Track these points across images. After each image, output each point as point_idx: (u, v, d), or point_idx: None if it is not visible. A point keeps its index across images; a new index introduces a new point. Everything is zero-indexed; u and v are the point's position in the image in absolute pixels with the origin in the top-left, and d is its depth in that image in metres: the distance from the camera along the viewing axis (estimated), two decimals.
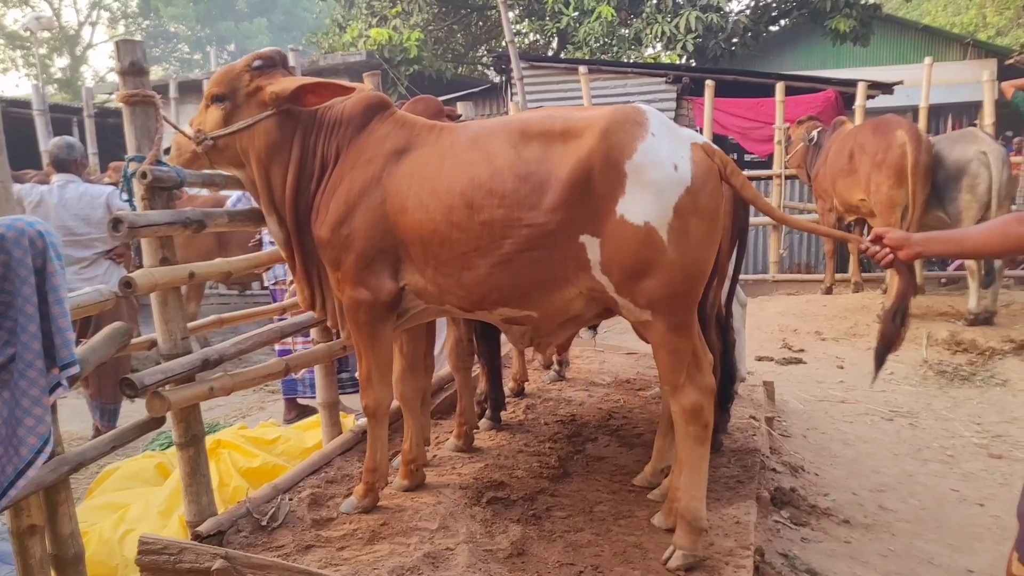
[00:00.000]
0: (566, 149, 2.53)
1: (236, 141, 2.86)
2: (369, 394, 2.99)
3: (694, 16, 15.15)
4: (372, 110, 2.87)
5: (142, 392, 2.61)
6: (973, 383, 6.15)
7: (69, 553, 2.50)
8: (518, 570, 2.61)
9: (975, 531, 3.86)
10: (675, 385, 2.60)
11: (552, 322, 2.81)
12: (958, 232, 2.29)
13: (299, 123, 2.85)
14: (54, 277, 2.21)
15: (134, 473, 4.12)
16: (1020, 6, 18.45)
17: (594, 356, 5.63)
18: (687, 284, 2.53)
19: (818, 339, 7.42)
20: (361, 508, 3.00)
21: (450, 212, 2.61)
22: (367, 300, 2.81)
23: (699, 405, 2.59)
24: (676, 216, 2.44)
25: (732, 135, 11.41)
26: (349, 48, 17.23)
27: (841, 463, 4.67)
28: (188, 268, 2.85)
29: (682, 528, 2.63)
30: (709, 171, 2.52)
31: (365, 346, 2.92)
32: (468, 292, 2.71)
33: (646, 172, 2.45)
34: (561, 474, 3.44)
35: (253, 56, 2.89)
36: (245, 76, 2.84)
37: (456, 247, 2.63)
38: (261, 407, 6.60)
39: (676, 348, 2.58)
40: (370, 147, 2.80)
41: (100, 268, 5.48)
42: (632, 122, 2.51)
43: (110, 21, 39.30)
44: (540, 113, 2.79)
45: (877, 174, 7.16)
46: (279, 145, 2.84)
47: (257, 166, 2.87)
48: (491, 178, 2.57)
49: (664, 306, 2.53)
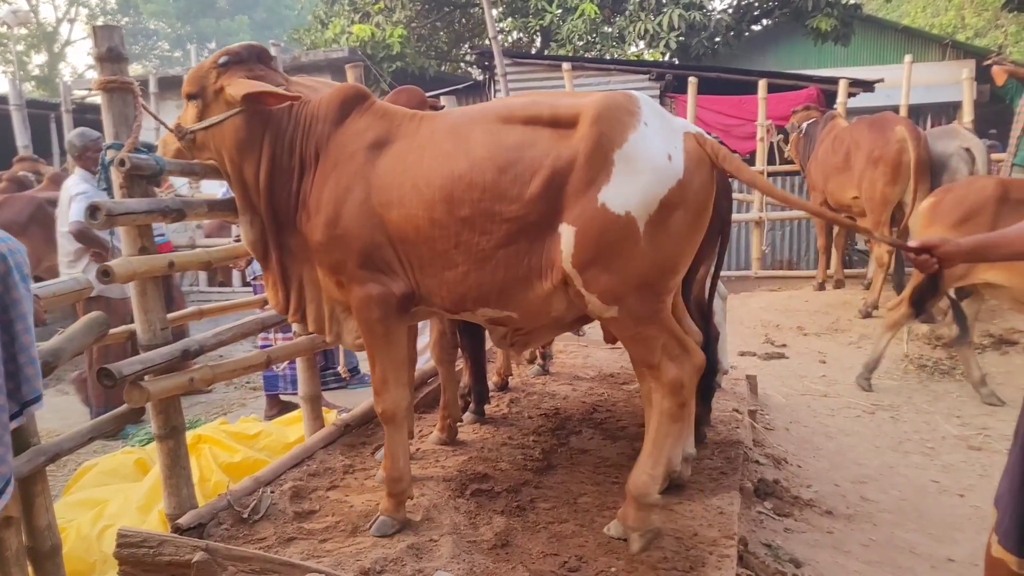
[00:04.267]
0: (554, 136, 2.45)
1: (209, 139, 2.80)
2: (386, 398, 2.79)
3: (677, 14, 15.20)
4: (349, 103, 2.76)
5: (120, 382, 2.57)
6: (953, 377, 6.20)
7: (46, 545, 2.46)
8: (502, 561, 2.59)
9: (955, 521, 3.89)
10: (651, 364, 2.53)
11: (534, 323, 2.74)
12: (997, 234, 2.21)
13: (270, 120, 2.74)
14: (20, 304, 2.06)
15: (113, 469, 4.07)
16: (998, 7, 18.66)
17: (578, 351, 5.63)
18: (657, 276, 2.47)
19: (800, 334, 7.46)
20: (398, 525, 2.76)
21: (431, 208, 2.51)
22: (379, 295, 2.66)
23: (679, 380, 2.52)
24: (660, 208, 2.38)
25: (714, 132, 11.32)
26: (331, 45, 17.12)
27: (823, 455, 4.70)
28: (168, 257, 2.82)
29: (630, 505, 2.54)
30: (701, 162, 2.45)
31: (379, 346, 2.75)
32: (451, 292, 2.62)
33: (637, 162, 2.38)
34: (545, 466, 3.43)
35: (221, 53, 2.80)
36: (212, 74, 2.76)
37: (438, 244, 2.55)
38: (243, 404, 6.54)
39: (646, 337, 2.52)
40: (350, 141, 2.69)
41: (83, 263, 5.52)
42: (624, 110, 2.44)
43: (88, 18, 38.87)
44: (524, 99, 2.70)
45: (872, 170, 7.14)
46: (249, 142, 2.74)
47: (230, 163, 2.79)
48: (470, 170, 2.48)
49: (632, 299, 2.46)
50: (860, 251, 10.20)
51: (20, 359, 2.09)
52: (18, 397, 2.11)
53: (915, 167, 6.89)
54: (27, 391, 2.11)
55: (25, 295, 2.09)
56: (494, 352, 4.83)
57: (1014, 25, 22.00)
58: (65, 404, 6.22)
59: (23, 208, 7.19)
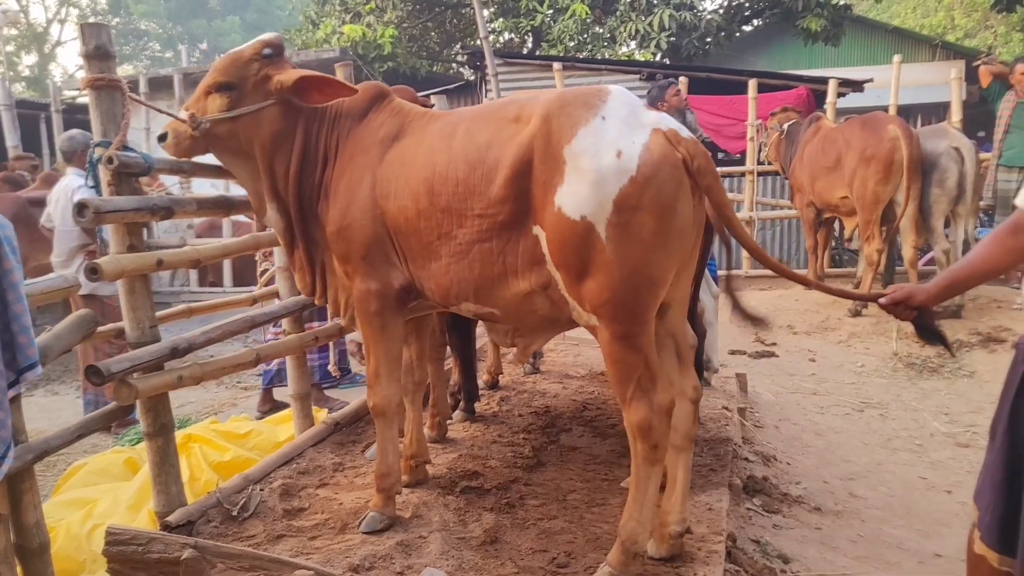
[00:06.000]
0: (513, 133, 2.43)
1: (239, 129, 2.79)
2: (377, 392, 2.83)
3: (667, 14, 15.23)
4: (371, 101, 2.84)
5: (108, 380, 2.57)
6: (941, 375, 6.24)
7: (34, 543, 2.45)
8: (491, 557, 2.60)
9: (943, 517, 3.91)
10: (623, 398, 2.37)
11: (520, 321, 2.72)
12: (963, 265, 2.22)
13: (302, 113, 2.80)
14: (11, 274, 2.12)
15: (102, 469, 4.05)
16: (987, 8, 18.78)
17: (569, 349, 5.64)
18: (631, 291, 2.27)
19: (790, 333, 7.48)
20: (386, 521, 2.78)
21: (417, 200, 2.57)
22: (377, 290, 2.73)
23: (647, 422, 2.33)
24: (617, 211, 2.20)
25: (705, 132, 11.47)
26: (322, 45, 17.08)
27: (812, 452, 4.72)
28: (156, 255, 2.81)
29: (617, 546, 2.43)
30: (666, 160, 2.23)
31: (375, 339, 2.81)
32: (437, 284, 2.65)
33: (583, 159, 2.24)
34: (535, 464, 3.43)
35: (261, 44, 2.80)
36: (255, 64, 2.77)
37: (423, 236, 2.59)
38: (233, 403, 6.52)
39: (622, 360, 2.34)
40: (366, 136, 2.78)
41: (76, 262, 5.51)
42: (580, 104, 2.32)
43: (79, 18, 38.65)
44: (507, 98, 2.76)
45: (864, 169, 7.12)
46: (283, 134, 2.79)
47: (261, 154, 2.81)
48: (447, 165, 2.52)
49: (607, 313, 2.31)
50: (851, 251, 10.24)
51: (13, 327, 2.14)
52: (14, 366, 2.15)
53: (908, 165, 6.88)
54: (22, 359, 2.16)
55: (16, 266, 2.14)
56: (484, 351, 4.84)
57: (1003, 26, 22.12)
58: (55, 404, 6.22)
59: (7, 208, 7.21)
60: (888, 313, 2.38)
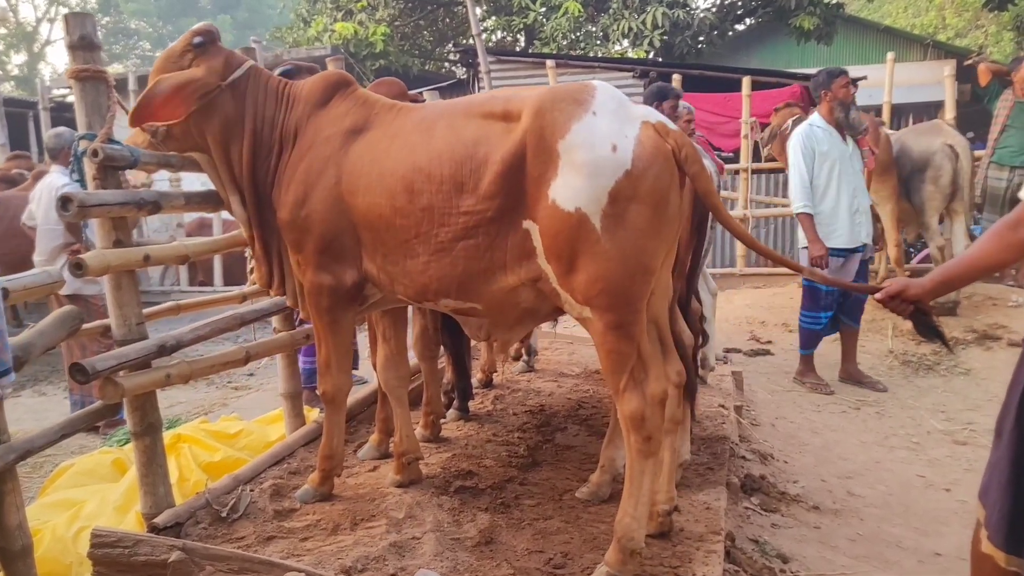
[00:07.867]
0: (503, 130, 2.40)
1: (191, 125, 2.75)
2: (328, 380, 2.91)
3: (660, 12, 15.23)
4: (333, 88, 2.79)
5: (94, 378, 2.51)
6: (938, 372, 6.22)
7: (16, 545, 2.39)
8: (486, 558, 2.55)
9: (941, 515, 3.89)
10: (616, 389, 2.39)
11: (502, 315, 2.67)
12: (959, 260, 2.26)
13: (250, 95, 2.76)
14: None
15: (89, 470, 3.98)
16: (978, 8, 18.82)
17: (563, 347, 5.60)
18: (625, 279, 2.30)
19: (786, 331, 7.45)
20: (319, 496, 2.94)
21: (393, 196, 2.52)
22: (329, 285, 2.73)
23: (639, 414, 2.36)
24: (612, 202, 2.24)
25: (699, 130, 11.44)
26: (314, 43, 17.02)
27: (809, 451, 4.68)
28: (143, 250, 2.75)
29: (614, 546, 2.41)
30: (658, 152, 2.28)
31: (325, 332, 2.85)
32: (412, 281, 2.61)
33: (580, 152, 2.26)
34: (530, 463, 3.39)
35: (192, 34, 2.76)
36: (188, 56, 2.73)
37: (400, 234, 2.55)
38: (224, 404, 6.45)
39: (616, 349, 2.36)
40: (328, 125, 2.72)
41: (60, 261, 5.44)
42: (571, 100, 2.33)
43: None
44: (487, 94, 2.70)
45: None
46: (234, 120, 2.75)
47: (215, 145, 2.77)
48: (429, 162, 2.46)
49: (601, 303, 2.32)
50: None
51: None
52: None
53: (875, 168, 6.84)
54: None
55: None
56: (478, 349, 4.79)
57: (994, 25, 22.16)
58: (42, 405, 6.14)
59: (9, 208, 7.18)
60: (885, 308, 2.37)
